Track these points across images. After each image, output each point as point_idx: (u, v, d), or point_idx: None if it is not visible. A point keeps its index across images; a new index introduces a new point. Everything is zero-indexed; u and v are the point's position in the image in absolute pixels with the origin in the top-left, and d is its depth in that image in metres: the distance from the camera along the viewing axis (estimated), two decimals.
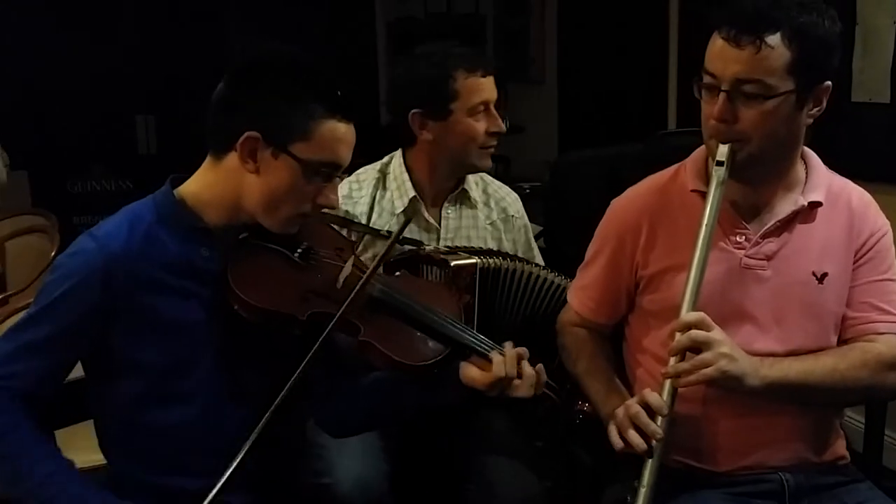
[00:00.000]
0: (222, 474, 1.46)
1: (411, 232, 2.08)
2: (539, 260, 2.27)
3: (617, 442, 1.55)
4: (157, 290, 1.51)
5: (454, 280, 1.91)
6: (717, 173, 1.56)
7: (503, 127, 2.08)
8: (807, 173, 1.70)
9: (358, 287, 1.54)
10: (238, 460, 1.40)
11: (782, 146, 1.61)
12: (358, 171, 2.16)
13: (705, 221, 1.56)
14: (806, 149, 1.71)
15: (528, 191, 4.65)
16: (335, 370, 1.68)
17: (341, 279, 1.61)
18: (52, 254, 3.77)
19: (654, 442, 1.51)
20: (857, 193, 1.73)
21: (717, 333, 1.53)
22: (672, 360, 1.54)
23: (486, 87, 2.05)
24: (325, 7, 6.28)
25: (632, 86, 4.83)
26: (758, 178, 1.65)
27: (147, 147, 6.24)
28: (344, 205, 2.05)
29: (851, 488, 1.69)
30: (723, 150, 1.56)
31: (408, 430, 1.99)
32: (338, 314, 1.50)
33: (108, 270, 1.47)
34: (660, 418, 1.52)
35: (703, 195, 1.61)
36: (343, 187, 2.07)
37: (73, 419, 1.70)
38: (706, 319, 1.53)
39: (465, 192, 2.18)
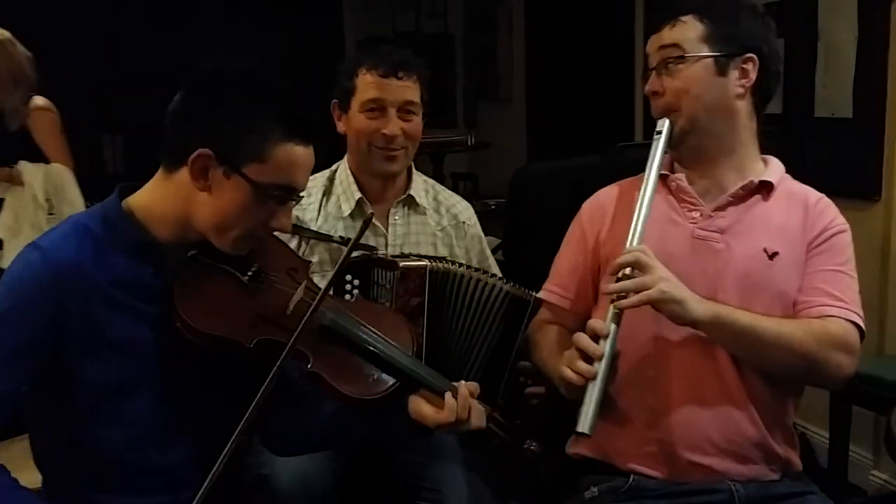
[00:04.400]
0: (165, 493, 1.42)
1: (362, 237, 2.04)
2: (495, 270, 2.24)
3: (569, 376, 1.56)
4: (106, 306, 1.45)
5: (403, 282, 1.89)
6: (657, 140, 1.72)
7: (395, 131, 2.04)
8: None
9: (306, 317, 1.45)
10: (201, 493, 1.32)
11: (714, 115, 1.71)
12: None
13: (647, 165, 1.69)
14: (770, 157, 1.81)
15: (493, 207, 4.65)
16: (284, 395, 1.61)
17: (291, 305, 1.53)
18: None
19: (595, 363, 1.54)
20: (815, 196, 1.78)
21: (658, 263, 1.58)
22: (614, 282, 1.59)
23: (382, 87, 2.04)
24: (294, 25, 6.27)
25: (599, 103, 4.86)
26: (702, 152, 1.75)
27: (114, 167, 6.17)
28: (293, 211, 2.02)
29: (804, 499, 1.68)
30: (661, 122, 1.72)
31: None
32: (288, 345, 1.42)
33: (55, 282, 1.41)
34: (602, 341, 1.56)
35: (665, 177, 1.76)
36: None
37: (5, 434, 1.63)
38: (648, 251, 1.59)
39: (412, 197, 2.16)
